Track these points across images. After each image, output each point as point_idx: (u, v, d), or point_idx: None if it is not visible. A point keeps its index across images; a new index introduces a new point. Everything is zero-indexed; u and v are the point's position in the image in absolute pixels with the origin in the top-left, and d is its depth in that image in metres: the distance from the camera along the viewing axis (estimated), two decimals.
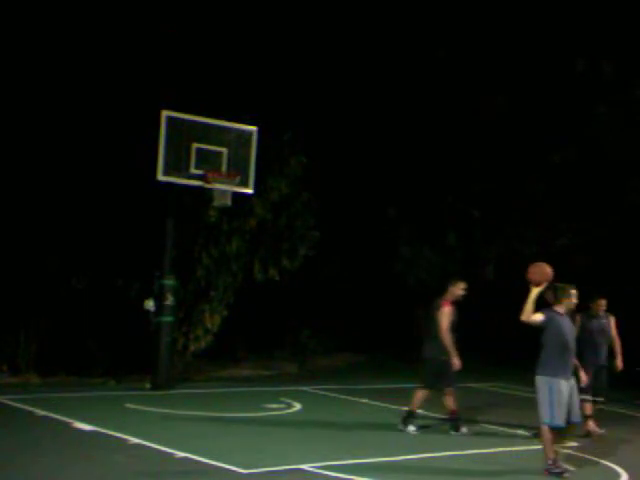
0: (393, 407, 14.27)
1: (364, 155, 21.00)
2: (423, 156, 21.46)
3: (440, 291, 12.27)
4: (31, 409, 11.85)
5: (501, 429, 12.68)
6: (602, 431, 12.58)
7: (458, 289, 12.16)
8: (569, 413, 9.74)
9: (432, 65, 20.78)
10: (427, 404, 12.49)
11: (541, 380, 9.74)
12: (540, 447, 11.48)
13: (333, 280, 13.15)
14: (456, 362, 11.84)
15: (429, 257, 22.15)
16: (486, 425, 12.90)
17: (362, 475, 9.20)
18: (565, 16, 20.02)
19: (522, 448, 11.43)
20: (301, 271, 17.67)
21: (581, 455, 11.06)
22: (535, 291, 9.74)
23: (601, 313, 12.96)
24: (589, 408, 12.35)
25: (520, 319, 9.71)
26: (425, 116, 21.04)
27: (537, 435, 10.46)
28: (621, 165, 20.34)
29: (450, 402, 12.11)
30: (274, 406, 13.32)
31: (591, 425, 12.45)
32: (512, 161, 21.20)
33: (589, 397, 12.31)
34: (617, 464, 10.48)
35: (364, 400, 14.84)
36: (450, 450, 11.00)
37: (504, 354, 21.74)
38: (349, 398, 14.82)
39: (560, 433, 9.82)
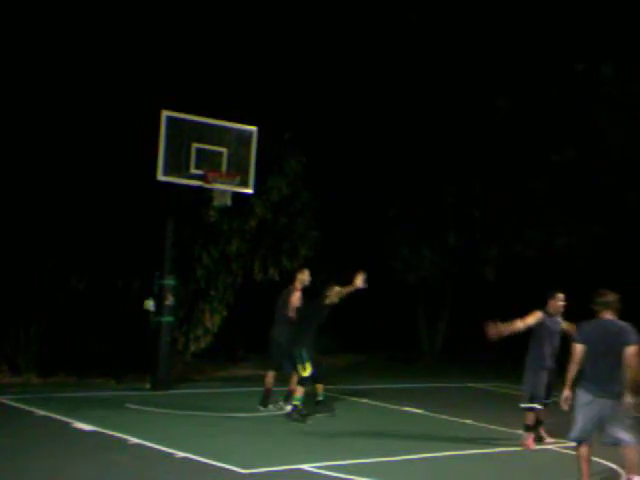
0: (393, 407, 14.29)
1: (364, 154, 21.00)
2: (423, 156, 21.45)
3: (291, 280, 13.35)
4: (31, 409, 11.85)
5: (501, 429, 12.67)
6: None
7: (306, 276, 13.11)
8: None
9: (432, 66, 20.76)
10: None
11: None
12: (538, 447, 11.52)
13: (333, 280, 13.23)
14: None
15: (429, 257, 22.14)
16: (486, 425, 12.90)
17: (362, 475, 9.20)
18: (565, 15, 20.02)
19: (522, 448, 11.42)
20: None
21: None
22: None
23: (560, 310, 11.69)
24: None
25: None
26: (425, 116, 21.03)
27: None
28: (621, 165, 20.34)
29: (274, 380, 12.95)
30: (274, 406, 13.29)
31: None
32: (512, 161, 21.19)
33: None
34: (617, 464, 10.47)
35: (364, 400, 14.84)
36: (450, 450, 10.99)
37: (504, 354, 21.74)
38: (349, 398, 14.82)
39: None
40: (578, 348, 8.98)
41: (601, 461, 10.71)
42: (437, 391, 17.24)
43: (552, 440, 11.64)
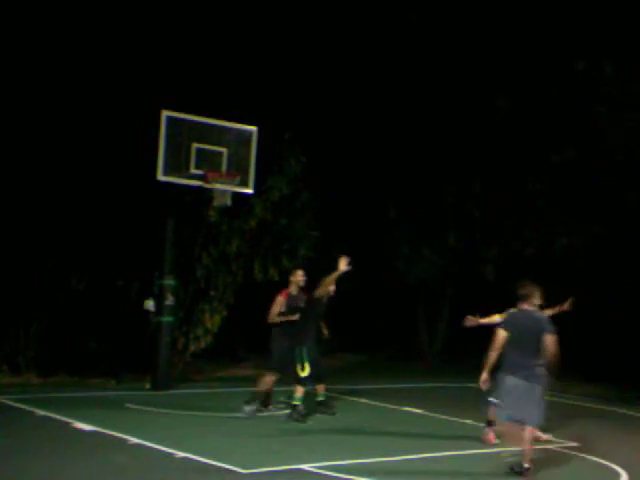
0: (393, 407, 14.29)
1: (364, 154, 20.98)
2: (423, 156, 21.43)
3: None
4: (31, 409, 11.86)
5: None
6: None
7: (298, 277, 13.06)
8: None
9: (432, 66, 20.75)
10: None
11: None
12: (537, 446, 11.52)
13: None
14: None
15: (429, 257, 22.12)
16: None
17: (362, 475, 9.21)
18: (565, 14, 20.00)
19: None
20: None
21: (581, 455, 11.06)
22: None
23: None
24: None
25: None
26: (425, 116, 21.01)
27: None
28: (621, 165, 20.31)
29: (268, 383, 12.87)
30: (274, 406, 13.31)
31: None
32: (512, 161, 21.17)
33: None
34: (617, 464, 10.48)
35: (364, 400, 14.84)
36: (450, 450, 11.00)
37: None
38: (349, 398, 14.82)
39: None
40: (502, 335, 9.86)
41: (601, 461, 10.73)
42: (437, 391, 17.24)
43: (548, 437, 11.64)
